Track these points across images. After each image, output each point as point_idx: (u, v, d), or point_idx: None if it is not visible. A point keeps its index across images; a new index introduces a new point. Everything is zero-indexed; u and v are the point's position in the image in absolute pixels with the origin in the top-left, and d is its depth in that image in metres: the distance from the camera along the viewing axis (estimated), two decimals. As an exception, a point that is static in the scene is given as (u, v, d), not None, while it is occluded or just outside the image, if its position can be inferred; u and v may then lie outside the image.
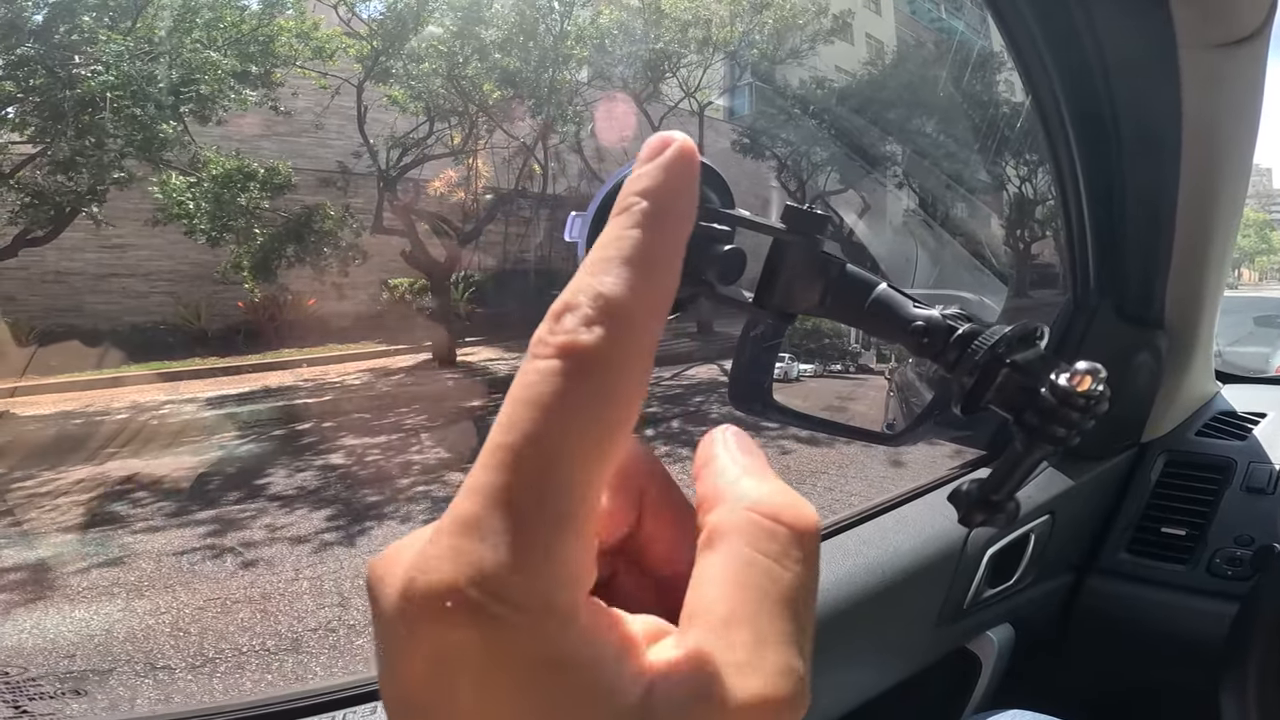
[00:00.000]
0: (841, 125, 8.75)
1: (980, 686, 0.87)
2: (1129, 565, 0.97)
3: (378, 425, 4.65)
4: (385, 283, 7.34)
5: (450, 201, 6.89)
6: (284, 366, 5.98)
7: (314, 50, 5.85)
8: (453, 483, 3.61)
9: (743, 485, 0.18)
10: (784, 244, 0.27)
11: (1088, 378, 0.23)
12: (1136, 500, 1.01)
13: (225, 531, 3.02)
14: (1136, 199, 0.81)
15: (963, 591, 0.81)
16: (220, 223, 5.40)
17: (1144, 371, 0.94)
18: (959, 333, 0.26)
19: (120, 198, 5.29)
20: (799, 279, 0.27)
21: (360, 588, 2.59)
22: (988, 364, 0.25)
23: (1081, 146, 0.78)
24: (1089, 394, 0.23)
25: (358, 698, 0.56)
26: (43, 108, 4.60)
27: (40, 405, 4.58)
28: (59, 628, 2.31)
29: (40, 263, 5.88)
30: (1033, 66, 0.72)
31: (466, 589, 0.14)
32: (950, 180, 8.45)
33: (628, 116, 7.54)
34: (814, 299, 0.28)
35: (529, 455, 0.15)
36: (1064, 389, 0.23)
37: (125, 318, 6.42)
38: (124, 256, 6.50)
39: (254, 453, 4.08)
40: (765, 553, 0.16)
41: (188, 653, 2.17)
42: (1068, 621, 0.98)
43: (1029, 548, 0.87)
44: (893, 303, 0.27)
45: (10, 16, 4.39)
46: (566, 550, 0.15)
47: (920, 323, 0.27)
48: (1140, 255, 0.87)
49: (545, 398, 0.15)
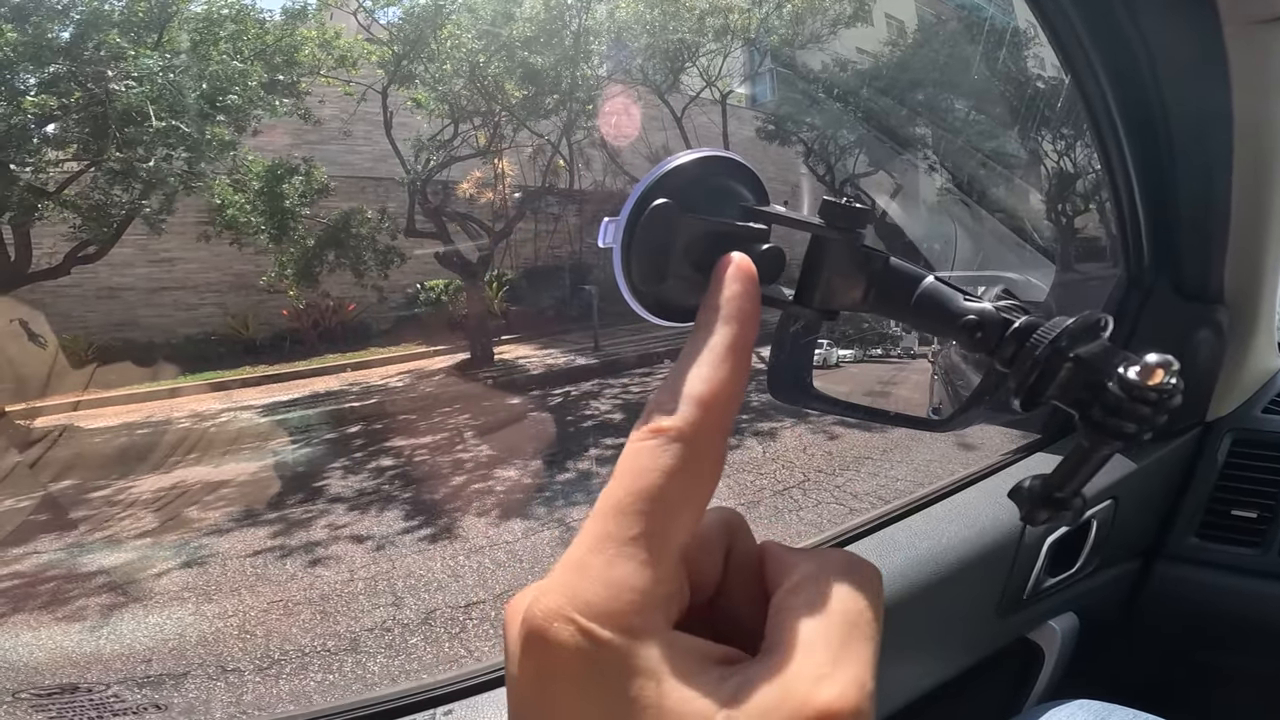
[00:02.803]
0: (867, 107, 8.56)
1: (1044, 676, 0.86)
2: (1198, 550, 0.94)
3: (422, 426, 4.75)
4: (421, 285, 7.46)
5: (479, 201, 6.96)
6: (330, 371, 6.15)
7: (337, 59, 5.93)
8: (499, 479, 3.67)
9: (811, 551, 0.23)
10: (824, 240, 0.26)
11: (1159, 370, 0.21)
12: (1204, 482, 0.97)
13: (285, 534, 3.13)
14: (1189, 176, 0.78)
15: (1022, 581, 0.79)
16: (275, 220, 5.53)
17: (1205, 349, 0.91)
18: (1015, 326, 0.25)
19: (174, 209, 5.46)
20: (841, 276, 0.26)
21: (412, 586, 2.66)
22: (1049, 358, 0.24)
23: (1129, 128, 0.76)
24: (1161, 388, 0.21)
25: (415, 705, 0.58)
26: (82, 123, 4.74)
27: (103, 418, 4.79)
28: (135, 633, 2.42)
29: (93, 279, 6.11)
30: (1074, 53, 0.70)
31: (570, 612, 0.18)
32: (985, 157, 8.20)
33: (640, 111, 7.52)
34: (857, 296, 0.27)
35: (627, 508, 0.19)
36: (1133, 383, 0.22)
37: (178, 330, 6.66)
38: (173, 270, 6.73)
39: (307, 456, 4.21)
40: (842, 591, 0.20)
41: (255, 656, 2.24)
42: (1134, 609, 0.96)
43: (1091, 535, 0.85)
44: (941, 296, 0.26)
45: (39, 35, 4.51)
46: (654, 585, 0.19)
47: (973, 316, 0.25)
48: (1196, 231, 0.84)
49: (643, 467, 0.20)
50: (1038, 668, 0.86)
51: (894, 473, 3.43)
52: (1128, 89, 0.72)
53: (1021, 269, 3.67)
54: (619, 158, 7.82)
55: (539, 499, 3.41)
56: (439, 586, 2.62)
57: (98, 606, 2.59)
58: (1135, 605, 0.96)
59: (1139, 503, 0.92)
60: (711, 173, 0.27)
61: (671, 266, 0.26)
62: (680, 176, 0.26)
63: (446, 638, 2.29)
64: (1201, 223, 0.82)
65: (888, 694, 0.69)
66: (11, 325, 4.72)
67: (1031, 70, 8.44)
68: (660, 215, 0.25)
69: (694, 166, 0.26)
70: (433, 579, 2.68)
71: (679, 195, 0.25)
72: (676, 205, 0.25)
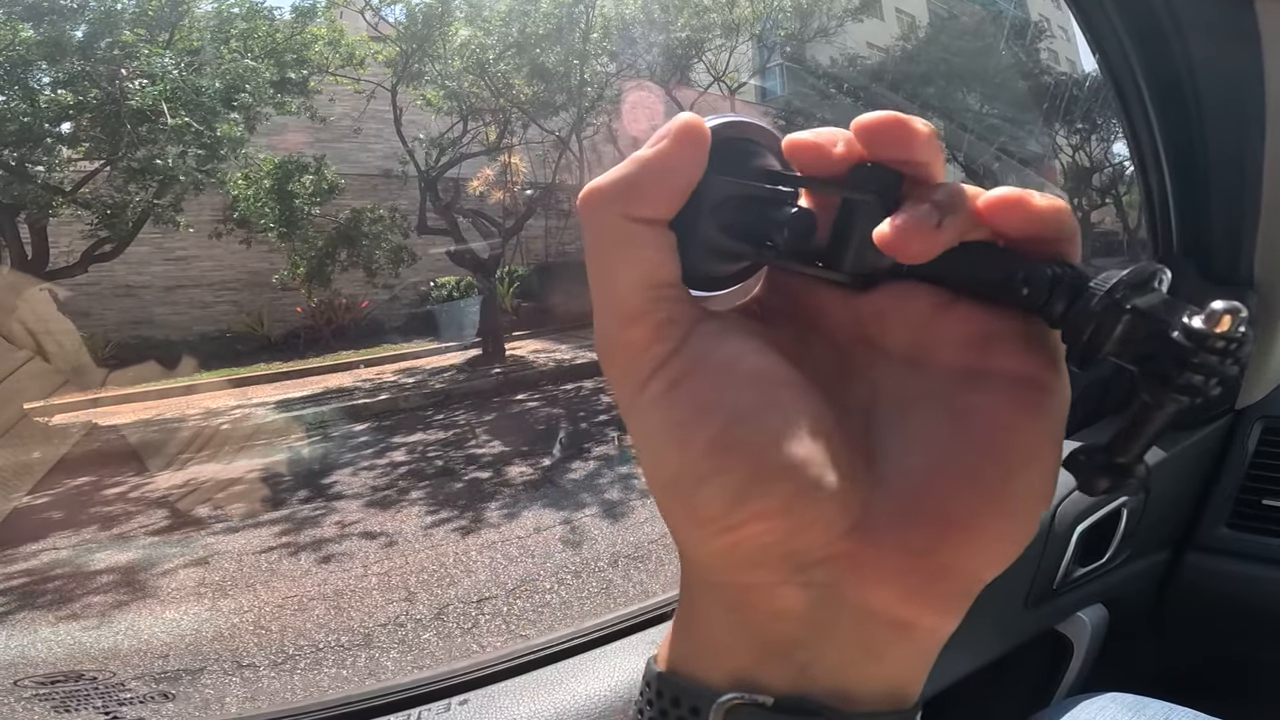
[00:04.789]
0: (878, 102, 8.52)
1: (1073, 669, 0.84)
2: (1230, 540, 0.91)
3: (434, 421, 4.77)
4: (433, 282, 7.49)
5: (490, 198, 6.98)
6: (343, 368, 6.20)
7: (344, 58, 5.97)
8: (510, 474, 3.68)
9: None
10: (854, 204, 0.24)
11: (1227, 317, 0.20)
12: (1234, 471, 0.95)
13: (298, 529, 3.15)
14: (1221, 157, 0.76)
15: (1052, 571, 0.78)
16: (285, 216, 5.58)
17: (1234, 334, 0.88)
18: (1065, 281, 0.23)
19: (182, 209, 5.53)
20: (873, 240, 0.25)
21: (425, 582, 2.66)
22: (1105, 311, 0.22)
23: (1159, 108, 0.74)
24: (1230, 335, 0.20)
25: (430, 695, 0.57)
26: (96, 122, 4.80)
27: (121, 415, 4.84)
28: (151, 629, 2.44)
29: (110, 277, 6.19)
30: (1103, 31, 0.68)
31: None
32: (999, 151, 8.14)
33: (654, 106, 7.49)
34: (889, 260, 0.25)
35: None
36: (1201, 331, 0.20)
37: (194, 327, 6.74)
38: (188, 268, 6.81)
39: (321, 452, 4.24)
40: None
41: (269, 650, 2.26)
42: (1164, 601, 0.94)
43: (1121, 524, 0.83)
44: (983, 254, 0.24)
45: (54, 34, 4.56)
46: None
47: (1020, 272, 0.23)
48: (1226, 213, 0.82)
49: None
50: (1066, 660, 0.84)
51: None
52: (1158, 66, 0.70)
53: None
54: (629, 153, 7.81)
55: (550, 494, 3.42)
56: (452, 582, 2.63)
57: (111, 603, 2.61)
58: (1165, 597, 0.94)
59: (1169, 492, 0.90)
60: (739, 135, 0.26)
61: (702, 230, 0.25)
62: (713, 139, 0.25)
63: (459, 633, 2.30)
64: (1233, 204, 0.80)
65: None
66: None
67: (1045, 63, 8.37)
68: None
69: (722, 129, 0.25)
70: (446, 574, 2.69)
71: (709, 159, 0.24)
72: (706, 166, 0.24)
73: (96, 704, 1.39)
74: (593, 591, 2.51)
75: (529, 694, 0.55)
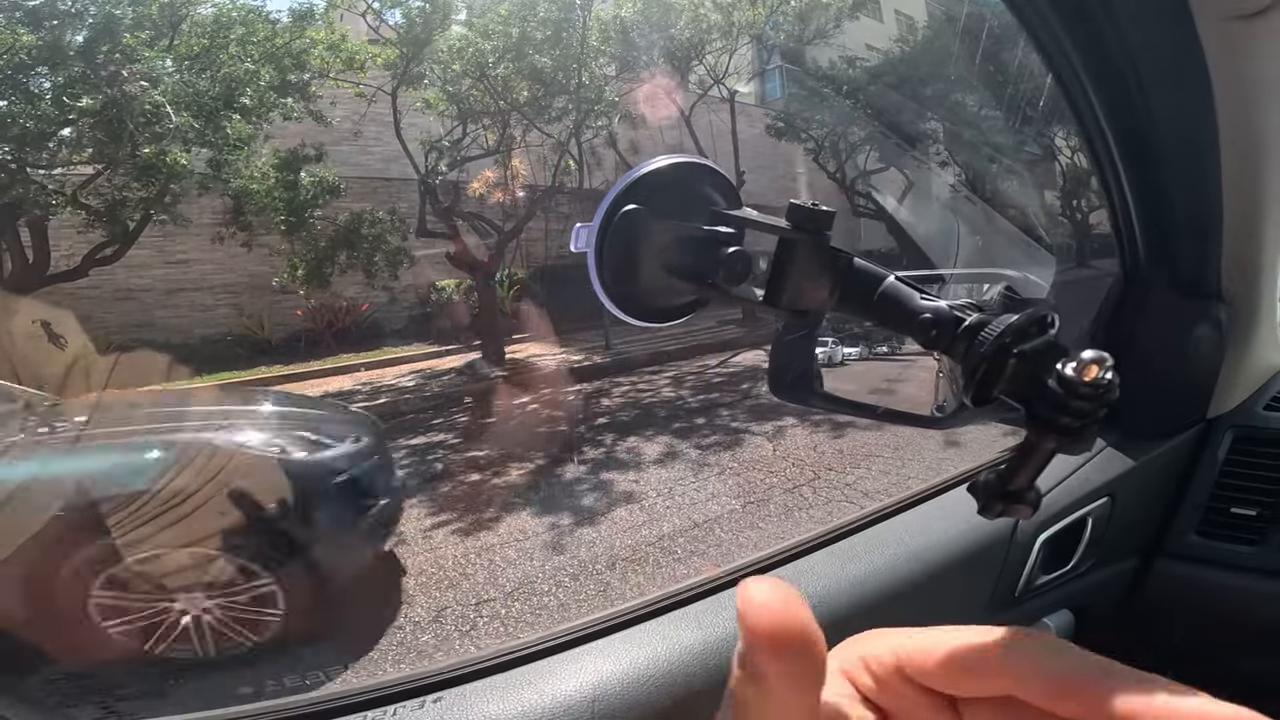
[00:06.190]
0: (877, 104, 8.52)
1: (1038, 674, 0.85)
2: (1199, 548, 0.93)
3: (434, 424, 4.77)
4: (433, 285, 7.49)
5: (489, 201, 6.99)
6: (344, 371, 6.21)
7: (344, 61, 5.98)
8: (509, 477, 3.69)
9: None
10: (791, 242, 0.27)
11: (1094, 367, 0.22)
12: (1204, 479, 0.96)
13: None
14: (1178, 174, 0.78)
15: (1014, 578, 0.79)
16: (293, 203, 5.61)
17: (1205, 345, 0.90)
18: (966, 324, 0.25)
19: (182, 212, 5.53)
20: (807, 276, 0.27)
21: (422, 584, 2.66)
22: (995, 354, 0.24)
23: (1115, 128, 0.75)
24: (1096, 383, 0.22)
25: (406, 693, 0.59)
26: (97, 126, 4.82)
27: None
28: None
29: (111, 281, 6.19)
30: (1054, 55, 0.70)
31: None
32: (995, 154, 8.13)
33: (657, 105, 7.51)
34: (824, 295, 0.28)
35: None
36: (1070, 379, 0.22)
37: (195, 330, 6.74)
38: (189, 271, 6.81)
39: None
40: None
41: (268, 650, 2.27)
42: (1134, 607, 0.95)
43: (1086, 532, 0.84)
44: (900, 295, 0.27)
45: (54, 39, 4.59)
46: None
47: (928, 315, 0.26)
48: (1189, 228, 0.83)
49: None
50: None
51: (905, 470, 3.42)
52: (1110, 90, 0.72)
53: (1025, 266, 3.64)
54: (629, 156, 7.82)
55: (549, 497, 3.43)
56: (450, 584, 2.65)
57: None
58: (1134, 603, 0.95)
59: (1138, 500, 0.91)
60: (683, 178, 0.28)
61: (643, 270, 0.27)
62: (652, 182, 0.27)
63: (457, 635, 2.31)
64: (1194, 220, 0.82)
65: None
66: (33, 326, 4.79)
67: (1039, 67, 8.33)
68: (630, 221, 0.26)
69: (666, 172, 0.27)
70: (444, 576, 2.70)
71: (651, 200, 0.26)
72: (646, 211, 0.26)
73: (95, 699, 1.39)
74: (590, 594, 2.53)
75: (501, 693, 0.57)
